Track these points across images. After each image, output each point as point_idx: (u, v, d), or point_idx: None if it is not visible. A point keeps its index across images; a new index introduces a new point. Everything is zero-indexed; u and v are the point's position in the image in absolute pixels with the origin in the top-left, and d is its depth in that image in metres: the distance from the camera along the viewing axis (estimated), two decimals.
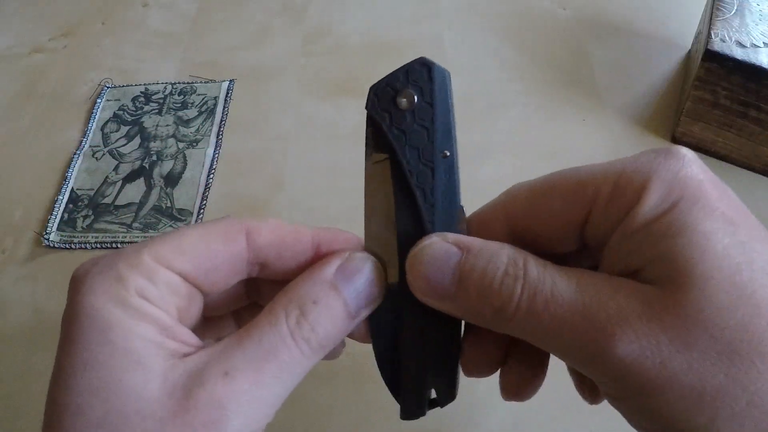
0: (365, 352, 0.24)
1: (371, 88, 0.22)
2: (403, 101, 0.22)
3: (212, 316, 0.25)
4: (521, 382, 0.24)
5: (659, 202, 0.19)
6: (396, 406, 0.24)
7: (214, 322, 0.26)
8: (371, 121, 0.22)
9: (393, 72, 0.22)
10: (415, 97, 0.22)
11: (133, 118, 0.54)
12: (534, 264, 0.20)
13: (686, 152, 0.19)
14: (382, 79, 0.22)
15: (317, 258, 0.23)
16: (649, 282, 0.18)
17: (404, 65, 0.22)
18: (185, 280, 0.21)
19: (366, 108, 0.22)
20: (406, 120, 0.22)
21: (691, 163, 0.19)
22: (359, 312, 0.22)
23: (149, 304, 0.19)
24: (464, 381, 0.24)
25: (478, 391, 0.35)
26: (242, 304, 0.26)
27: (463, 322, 0.24)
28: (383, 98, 0.22)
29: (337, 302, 0.21)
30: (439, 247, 0.21)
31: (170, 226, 0.45)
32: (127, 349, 0.18)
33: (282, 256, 0.22)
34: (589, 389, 0.24)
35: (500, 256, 0.20)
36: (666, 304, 0.18)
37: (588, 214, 0.21)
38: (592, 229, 0.21)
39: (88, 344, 0.18)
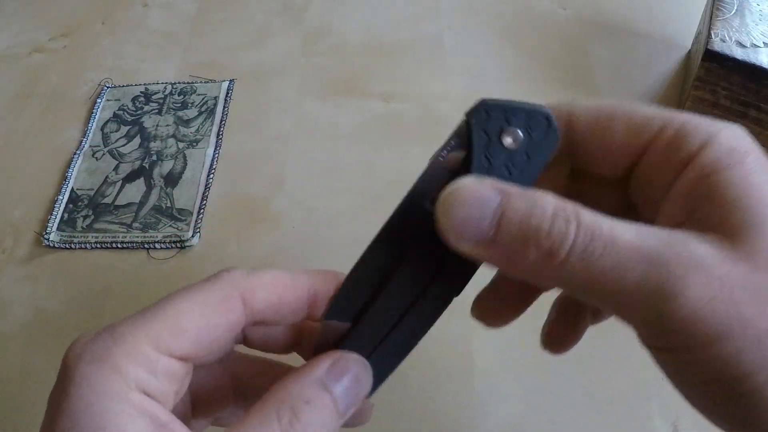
0: None
1: (484, 102, 0.21)
2: (509, 140, 0.21)
3: (203, 388, 0.24)
4: (567, 331, 0.23)
5: (727, 153, 0.18)
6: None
7: (208, 400, 0.25)
8: (464, 133, 0.21)
9: (515, 103, 0.21)
10: (521, 143, 0.21)
11: (133, 118, 0.54)
12: (586, 210, 0.18)
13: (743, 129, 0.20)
14: (500, 100, 0.21)
15: (312, 308, 0.23)
16: (717, 230, 0.18)
17: (529, 104, 0.21)
18: (183, 361, 0.20)
19: (468, 118, 0.21)
20: (500, 155, 0.21)
21: (749, 136, 0.19)
22: (347, 410, 0.21)
23: (148, 400, 0.19)
24: (463, 382, 0.24)
25: (477, 392, 0.35)
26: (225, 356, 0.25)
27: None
28: (492, 122, 0.21)
29: (327, 401, 0.21)
30: (476, 187, 0.19)
31: (170, 226, 0.45)
32: None
33: (278, 313, 0.22)
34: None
35: (545, 199, 0.18)
36: (739, 250, 0.17)
37: (645, 149, 0.20)
38: (646, 171, 0.20)
39: None
